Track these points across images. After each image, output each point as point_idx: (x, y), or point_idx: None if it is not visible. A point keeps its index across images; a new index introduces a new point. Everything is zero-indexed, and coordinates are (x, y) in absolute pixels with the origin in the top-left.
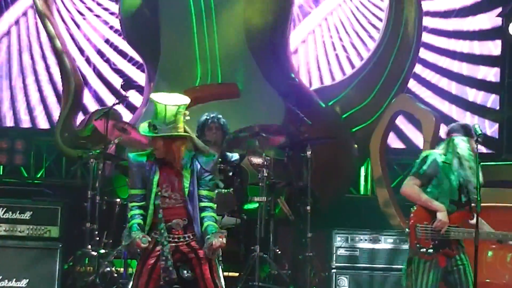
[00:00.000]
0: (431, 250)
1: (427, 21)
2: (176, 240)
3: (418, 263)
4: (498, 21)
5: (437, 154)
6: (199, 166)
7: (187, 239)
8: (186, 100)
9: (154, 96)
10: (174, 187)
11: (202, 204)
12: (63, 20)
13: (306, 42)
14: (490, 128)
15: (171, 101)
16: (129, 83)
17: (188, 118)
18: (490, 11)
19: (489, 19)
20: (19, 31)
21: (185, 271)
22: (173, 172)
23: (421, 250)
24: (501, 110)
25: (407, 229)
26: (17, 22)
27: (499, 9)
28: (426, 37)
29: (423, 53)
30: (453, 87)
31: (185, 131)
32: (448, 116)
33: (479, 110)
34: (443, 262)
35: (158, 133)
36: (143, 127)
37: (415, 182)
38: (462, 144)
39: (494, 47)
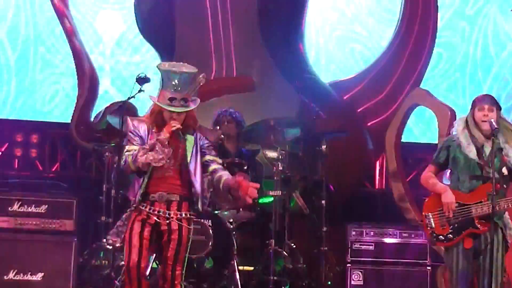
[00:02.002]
0: (450, 235)
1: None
2: (156, 214)
3: (446, 252)
4: None
5: (450, 136)
6: (199, 135)
7: (167, 216)
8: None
9: (162, 66)
10: (174, 154)
11: (209, 165)
12: (78, 12)
13: (320, 34)
14: None
15: (182, 68)
16: (144, 76)
17: (204, 80)
18: None
19: None
20: (35, 22)
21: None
22: (173, 140)
23: (439, 237)
24: None
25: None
26: (33, 10)
27: None
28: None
29: None
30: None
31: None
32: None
33: None
34: (468, 243)
35: (178, 104)
36: (164, 103)
37: (429, 169)
38: (459, 121)
39: None
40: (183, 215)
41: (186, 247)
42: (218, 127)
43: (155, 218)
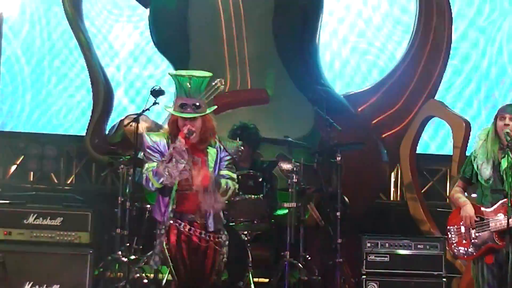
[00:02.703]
0: (471, 250)
1: None
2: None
3: (473, 267)
4: None
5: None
6: (221, 147)
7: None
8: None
9: (178, 72)
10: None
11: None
12: (93, 25)
13: (334, 46)
14: None
15: (193, 72)
16: (159, 89)
17: (222, 87)
18: None
19: None
20: (51, 36)
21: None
22: (195, 152)
23: (461, 251)
24: None
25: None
26: (48, 25)
27: None
28: None
29: None
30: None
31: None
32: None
33: None
34: (490, 258)
35: (189, 110)
36: (175, 109)
37: (457, 184)
38: (483, 132)
39: None
40: (217, 232)
41: (224, 264)
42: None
43: (195, 239)
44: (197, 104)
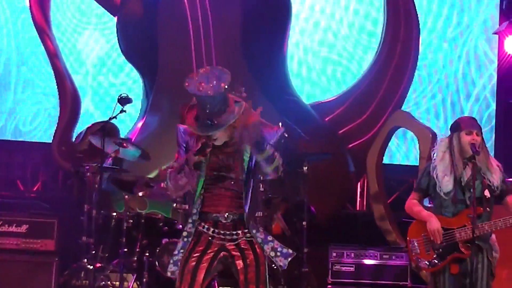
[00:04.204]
0: (435, 261)
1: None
2: (221, 237)
3: (432, 277)
4: None
5: (431, 161)
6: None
7: (235, 237)
8: (225, 78)
9: (189, 87)
10: (232, 167)
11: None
12: (61, 33)
13: (301, 55)
14: None
15: (209, 89)
16: (126, 96)
17: (244, 94)
18: None
19: None
20: (17, 42)
21: None
22: (227, 151)
23: (424, 263)
24: None
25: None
26: (16, 32)
27: None
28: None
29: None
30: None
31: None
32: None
33: None
34: (455, 268)
35: (211, 125)
36: (193, 126)
37: (413, 196)
38: (441, 142)
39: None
40: (253, 233)
41: (265, 267)
42: None
43: (222, 242)
44: (211, 118)
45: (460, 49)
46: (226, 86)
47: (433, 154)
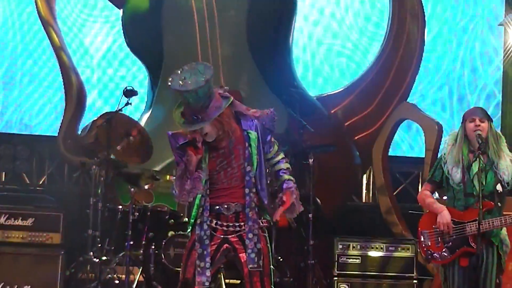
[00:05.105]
0: (445, 254)
1: None
2: (224, 229)
3: (442, 270)
4: None
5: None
6: (259, 126)
7: (237, 229)
8: (207, 73)
9: (172, 84)
10: (232, 161)
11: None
12: (65, 25)
13: (307, 47)
14: None
15: (189, 85)
16: (132, 89)
17: (226, 88)
18: None
19: None
20: (23, 35)
21: None
22: (229, 144)
23: (434, 255)
24: None
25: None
26: (21, 25)
27: None
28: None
29: None
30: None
31: (220, 101)
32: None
33: None
34: (464, 261)
35: (196, 120)
36: (180, 122)
37: (425, 187)
38: (450, 137)
39: None
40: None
41: (269, 259)
42: None
43: (222, 234)
44: (196, 113)
45: (467, 41)
46: (206, 81)
47: (443, 148)
